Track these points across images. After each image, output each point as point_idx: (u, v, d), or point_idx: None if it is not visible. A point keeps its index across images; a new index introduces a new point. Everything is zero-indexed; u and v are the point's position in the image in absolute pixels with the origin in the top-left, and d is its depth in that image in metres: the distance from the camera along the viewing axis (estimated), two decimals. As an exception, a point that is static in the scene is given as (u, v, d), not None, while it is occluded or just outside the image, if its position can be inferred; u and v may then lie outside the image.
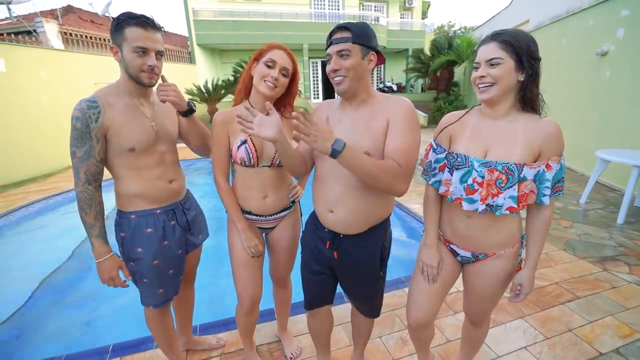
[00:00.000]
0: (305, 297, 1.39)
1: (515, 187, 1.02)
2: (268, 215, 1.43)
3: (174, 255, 1.36)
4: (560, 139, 1.01)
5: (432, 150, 1.21)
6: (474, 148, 1.09)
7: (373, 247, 1.22)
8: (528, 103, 1.04)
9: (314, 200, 1.26)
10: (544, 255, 2.69)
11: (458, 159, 1.11)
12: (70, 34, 7.75)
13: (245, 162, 1.30)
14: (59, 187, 5.22)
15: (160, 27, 1.20)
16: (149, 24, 1.14)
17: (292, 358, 1.71)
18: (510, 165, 1.02)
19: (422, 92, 15.67)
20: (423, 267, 1.26)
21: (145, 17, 1.14)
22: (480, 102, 1.10)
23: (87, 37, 8.19)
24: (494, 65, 1.00)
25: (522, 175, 1.02)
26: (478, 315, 1.35)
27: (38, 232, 3.85)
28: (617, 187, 4.34)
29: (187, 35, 12.50)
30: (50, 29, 7.21)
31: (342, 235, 1.20)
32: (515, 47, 0.98)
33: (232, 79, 10.50)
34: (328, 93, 15.73)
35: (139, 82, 1.18)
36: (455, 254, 1.24)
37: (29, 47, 6.21)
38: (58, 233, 3.74)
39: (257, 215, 1.42)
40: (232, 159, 1.36)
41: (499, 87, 1.01)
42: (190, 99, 9.70)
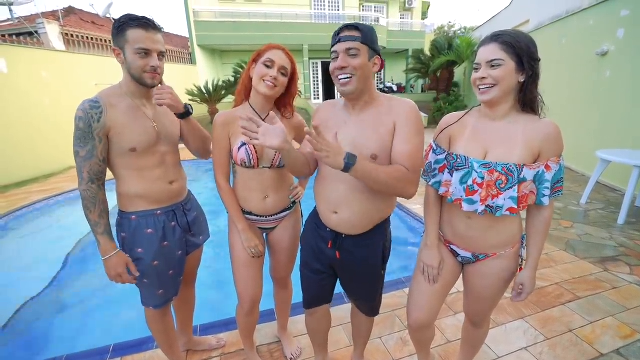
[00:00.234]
0: (305, 296, 1.38)
1: (515, 188, 1.02)
2: (269, 216, 1.44)
3: (174, 256, 1.37)
4: (560, 140, 1.01)
5: (432, 151, 1.21)
6: (474, 149, 1.09)
7: (375, 246, 1.22)
8: (528, 104, 1.04)
9: (317, 200, 1.26)
10: (545, 256, 2.68)
11: (458, 160, 1.11)
12: (72, 35, 7.78)
13: (246, 163, 1.31)
14: (60, 187, 5.24)
15: (161, 28, 1.21)
16: (150, 26, 1.15)
17: (292, 358, 1.72)
18: (510, 166, 1.02)
19: (422, 92, 15.66)
20: (424, 267, 1.26)
21: (146, 18, 1.15)
22: (481, 103, 1.10)
23: (88, 38, 8.22)
24: (495, 67, 1.00)
25: (522, 176, 1.02)
26: (478, 316, 1.35)
27: (39, 232, 3.86)
28: (617, 187, 4.34)
29: (187, 36, 12.54)
30: (52, 30, 7.25)
31: (344, 235, 1.20)
32: (516, 48, 0.97)
33: (232, 80, 10.53)
34: (328, 94, 15.74)
35: (142, 82, 1.19)
36: (456, 255, 1.24)
37: (30, 48, 6.23)
38: (58, 233, 3.74)
39: (257, 216, 1.43)
40: (232, 160, 1.37)
41: (500, 88, 1.01)
42: (191, 100, 9.73)
